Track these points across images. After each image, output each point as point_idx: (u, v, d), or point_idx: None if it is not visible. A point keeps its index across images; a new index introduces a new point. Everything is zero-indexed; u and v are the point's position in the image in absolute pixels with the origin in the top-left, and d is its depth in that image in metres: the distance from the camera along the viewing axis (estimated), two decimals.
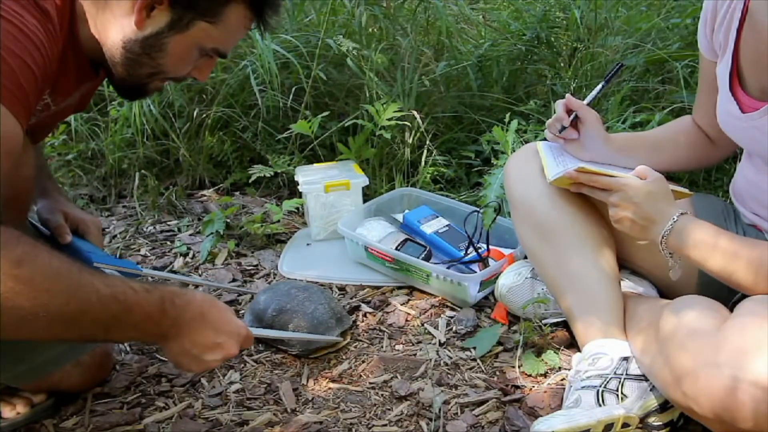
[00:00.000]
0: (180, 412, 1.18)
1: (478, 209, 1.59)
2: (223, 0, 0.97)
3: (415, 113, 1.87)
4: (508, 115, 1.76)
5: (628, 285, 1.30)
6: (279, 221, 1.81)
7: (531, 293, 1.36)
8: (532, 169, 1.28)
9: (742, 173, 1.19)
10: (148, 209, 1.97)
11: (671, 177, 1.23)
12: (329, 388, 1.24)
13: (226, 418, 1.16)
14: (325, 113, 1.91)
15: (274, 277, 1.63)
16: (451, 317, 1.43)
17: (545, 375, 1.25)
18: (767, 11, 1.00)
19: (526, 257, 1.44)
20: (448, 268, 1.48)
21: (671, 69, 1.89)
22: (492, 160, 1.71)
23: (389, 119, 1.81)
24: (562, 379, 1.23)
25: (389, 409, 1.18)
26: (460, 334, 1.38)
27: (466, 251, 1.55)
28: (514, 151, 1.50)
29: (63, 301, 0.80)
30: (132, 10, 0.94)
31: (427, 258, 1.55)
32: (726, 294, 1.07)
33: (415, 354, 1.32)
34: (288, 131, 1.94)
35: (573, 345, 1.29)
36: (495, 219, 1.54)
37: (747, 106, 1.07)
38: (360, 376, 1.27)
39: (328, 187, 1.71)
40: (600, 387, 1.06)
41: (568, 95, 1.25)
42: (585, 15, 2.06)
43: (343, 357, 1.32)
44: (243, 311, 1.46)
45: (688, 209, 1.08)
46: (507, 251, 1.56)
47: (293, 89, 2.00)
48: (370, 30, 2.23)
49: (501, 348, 1.33)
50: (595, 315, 1.16)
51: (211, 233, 1.75)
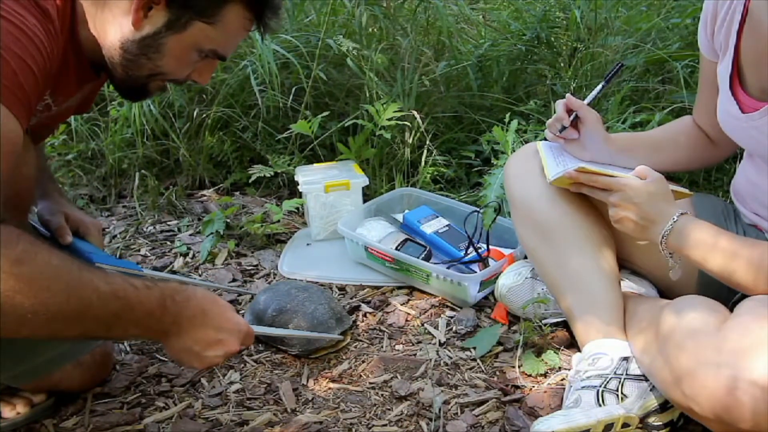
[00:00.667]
0: (180, 412, 1.18)
1: (478, 209, 1.59)
2: (221, 0, 0.97)
3: (415, 113, 1.87)
4: (508, 115, 1.76)
5: (628, 285, 1.30)
6: (279, 221, 1.81)
7: (531, 293, 1.36)
8: (532, 169, 1.28)
9: (743, 173, 1.19)
10: (148, 209, 1.97)
11: (671, 177, 1.22)
12: (329, 388, 1.24)
13: (226, 418, 1.16)
14: (325, 113, 1.91)
15: (274, 277, 1.63)
16: (451, 317, 1.43)
17: (545, 375, 1.25)
18: (767, 11, 1.00)
19: (526, 257, 1.44)
20: (448, 268, 1.48)
21: (671, 69, 1.89)
22: (492, 160, 1.71)
23: (389, 119, 1.81)
24: (562, 379, 1.23)
25: (389, 409, 1.18)
26: (460, 334, 1.38)
27: (466, 251, 1.55)
28: (514, 151, 1.50)
29: (63, 300, 0.80)
30: (129, 10, 0.94)
31: (427, 258, 1.55)
32: (726, 294, 1.07)
33: (415, 354, 1.32)
34: (288, 131, 1.94)
35: (573, 345, 1.29)
36: (495, 219, 1.54)
37: (747, 106, 1.07)
38: (360, 376, 1.27)
39: (328, 187, 1.71)
40: (600, 387, 1.06)
41: (568, 95, 1.25)
42: (585, 15, 2.06)
43: (343, 357, 1.32)
44: (243, 311, 1.46)
45: (688, 209, 1.08)
46: (507, 251, 1.56)
47: (293, 89, 2.00)
48: (370, 30, 2.23)
49: (501, 348, 1.33)
50: (595, 315, 1.16)
51: (211, 233, 1.75)
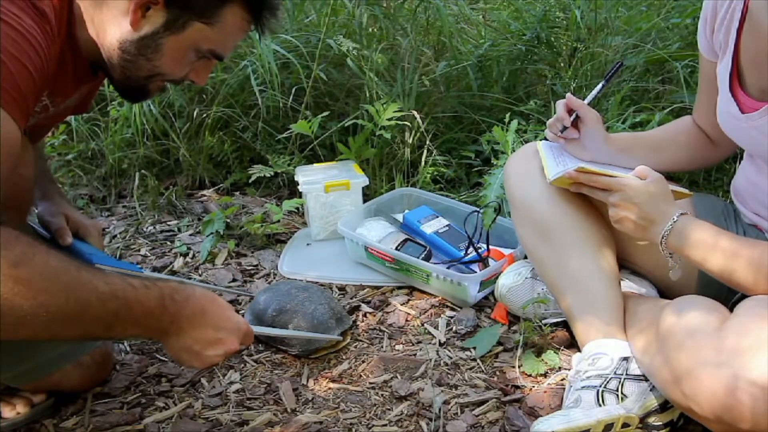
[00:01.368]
0: (180, 412, 1.18)
1: (478, 209, 1.59)
2: (220, 1, 0.97)
3: (415, 113, 1.87)
4: (508, 115, 1.76)
5: (628, 285, 1.30)
6: (279, 221, 1.81)
7: (531, 293, 1.36)
8: (532, 169, 1.28)
9: (743, 173, 1.19)
10: (148, 209, 1.97)
11: (671, 177, 1.22)
12: (329, 388, 1.24)
13: (226, 418, 1.16)
14: (325, 113, 1.91)
15: (274, 277, 1.63)
16: (451, 317, 1.43)
17: (545, 375, 1.25)
18: (767, 11, 1.00)
19: (526, 257, 1.44)
20: (448, 268, 1.48)
21: (671, 69, 1.89)
22: (492, 160, 1.71)
23: (389, 119, 1.81)
24: (562, 379, 1.23)
25: (389, 409, 1.18)
26: (460, 334, 1.38)
27: (466, 251, 1.55)
28: (514, 151, 1.50)
29: (62, 300, 0.80)
30: (128, 10, 0.94)
31: (427, 258, 1.55)
32: (726, 294, 1.07)
33: (415, 354, 1.32)
34: (288, 131, 1.94)
35: (573, 345, 1.29)
36: (495, 219, 1.54)
37: (747, 106, 1.07)
38: (360, 376, 1.27)
39: (328, 187, 1.71)
40: (600, 387, 1.06)
41: (568, 95, 1.25)
42: (585, 15, 2.06)
43: (343, 357, 1.32)
44: (243, 311, 1.46)
45: (688, 209, 1.08)
46: (507, 251, 1.56)
47: (293, 89, 2.00)
48: (370, 30, 2.23)
49: (501, 348, 1.33)
50: (595, 315, 1.16)
51: (211, 233, 1.75)
